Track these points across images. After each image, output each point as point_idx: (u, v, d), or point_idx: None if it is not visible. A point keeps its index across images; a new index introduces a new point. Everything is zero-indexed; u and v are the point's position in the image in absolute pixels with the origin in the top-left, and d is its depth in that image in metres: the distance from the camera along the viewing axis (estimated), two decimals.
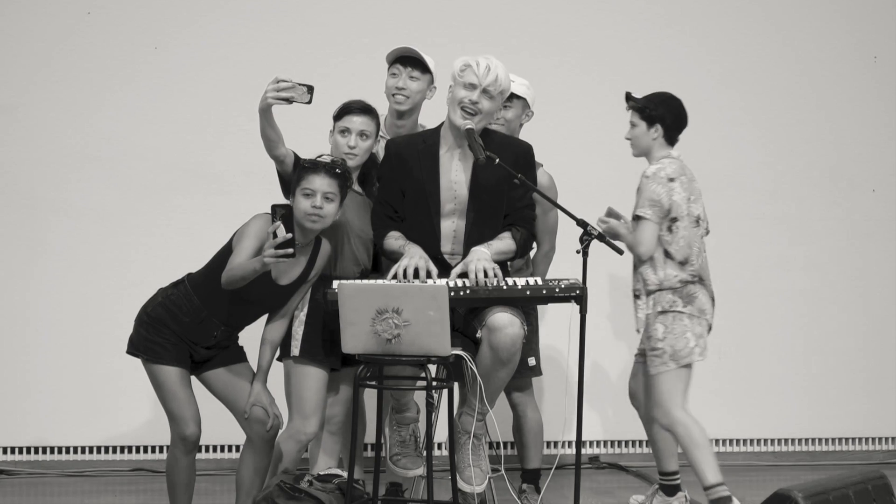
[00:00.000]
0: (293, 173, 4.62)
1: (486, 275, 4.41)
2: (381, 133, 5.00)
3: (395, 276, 4.45)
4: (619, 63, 6.51)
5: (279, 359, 4.72)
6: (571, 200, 4.72)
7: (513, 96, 5.07)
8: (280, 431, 4.71)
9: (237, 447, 5.98)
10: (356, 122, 4.70)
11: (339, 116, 4.75)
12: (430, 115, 5.06)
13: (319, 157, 4.60)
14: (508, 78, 4.65)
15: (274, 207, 4.31)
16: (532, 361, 5.04)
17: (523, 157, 4.70)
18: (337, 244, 4.72)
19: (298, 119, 5.08)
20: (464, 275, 4.48)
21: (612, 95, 6.50)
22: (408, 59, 4.94)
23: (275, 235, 4.26)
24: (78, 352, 6.12)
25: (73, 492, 5.84)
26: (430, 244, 4.63)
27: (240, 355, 4.73)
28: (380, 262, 4.86)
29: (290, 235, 4.26)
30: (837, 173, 6.74)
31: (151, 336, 4.55)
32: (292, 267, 4.57)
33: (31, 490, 5.87)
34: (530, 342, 5.05)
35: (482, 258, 4.47)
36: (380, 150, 4.92)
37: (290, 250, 4.28)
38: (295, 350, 4.67)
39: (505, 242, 4.65)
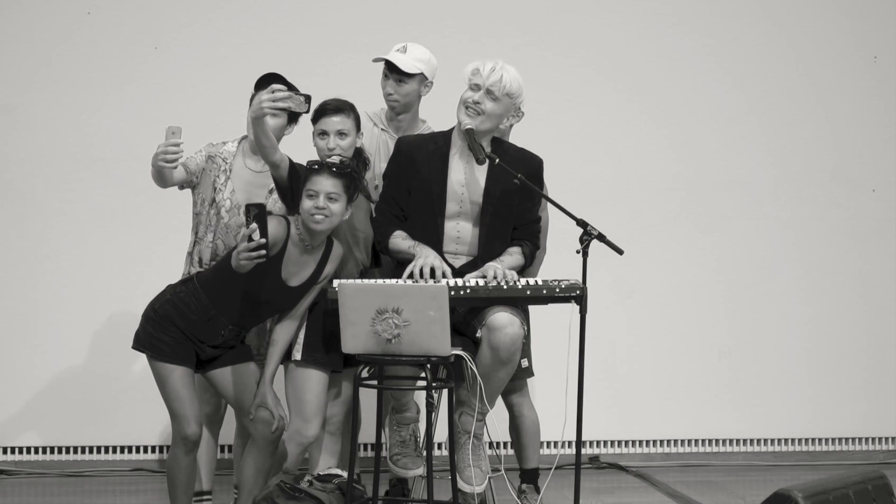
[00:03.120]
0: (289, 178, 4.62)
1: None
2: (382, 126, 5.00)
3: (410, 276, 4.45)
4: (619, 62, 6.51)
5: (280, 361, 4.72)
6: (571, 200, 4.72)
7: None
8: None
9: None
10: (331, 122, 4.70)
11: (315, 119, 4.75)
12: (431, 109, 5.08)
13: (328, 157, 4.62)
14: (518, 82, 4.63)
15: (248, 207, 4.32)
16: (525, 363, 5.05)
17: (534, 171, 4.71)
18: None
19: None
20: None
21: (614, 95, 6.53)
22: (393, 66, 4.94)
23: (250, 238, 4.27)
24: (78, 352, 6.12)
25: (73, 492, 5.84)
26: (432, 244, 4.63)
27: (247, 355, 4.71)
28: (379, 257, 4.87)
29: (263, 241, 4.28)
30: (838, 173, 6.74)
31: (157, 333, 4.54)
32: (302, 268, 4.57)
33: (31, 490, 5.87)
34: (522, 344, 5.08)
35: (498, 268, 4.49)
36: (378, 142, 4.94)
37: (263, 252, 4.29)
38: (297, 354, 4.67)
39: (515, 258, 4.67)
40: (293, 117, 4.83)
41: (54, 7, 6.14)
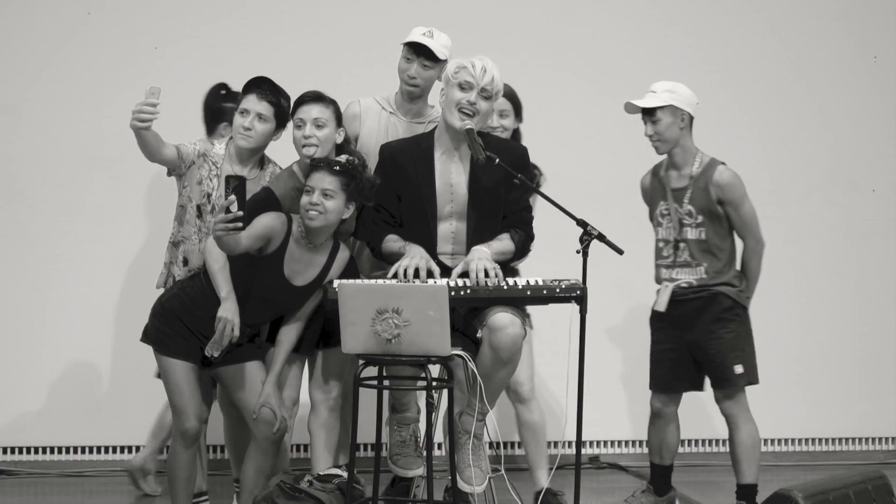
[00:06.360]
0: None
1: (486, 274, 4.42)
2: (391, 109, 4.99)
3: (395, 276, 4.45)
4: (618, 63, 6.51)
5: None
6: (571, 200, 4.72)
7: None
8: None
9: None
10: (308, 111, 4.67)
11: (293, 111, 4.72)
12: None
13: (304, 146, 4.62)
14: (502, 78, 4.65)
15: (227, 178, 4.30)
16: (739, 369, 4.98)
17: (519, 160, 4.70)
18: None
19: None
20: (464, 274, 4.48)
21: (612, 95, 6.51)
22: (422, 49, 4.93)
23: (228, 210, 4.25)
24: (79, 352, 6.12)
25: (73, 492, 5.84)
26: (428, 247, 4.61)
27: (253, 354, 4.71)
28: None
29: (240, 213, 4.23)
30: (837, 173, 6.74)
31: (163, 328, 4.56)
32: (307, 268, 4.58)
33: (31, 490, 5.88)
34: (743, 349, 5.04)
35: (483, 257, 4.47)
36: (386, 124, 4.95)
37: (240, 224, 4.26)
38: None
39: (504, 243, 4.65)
40: (281, 123, 4.80)
41: (55, 7, 6.15)
